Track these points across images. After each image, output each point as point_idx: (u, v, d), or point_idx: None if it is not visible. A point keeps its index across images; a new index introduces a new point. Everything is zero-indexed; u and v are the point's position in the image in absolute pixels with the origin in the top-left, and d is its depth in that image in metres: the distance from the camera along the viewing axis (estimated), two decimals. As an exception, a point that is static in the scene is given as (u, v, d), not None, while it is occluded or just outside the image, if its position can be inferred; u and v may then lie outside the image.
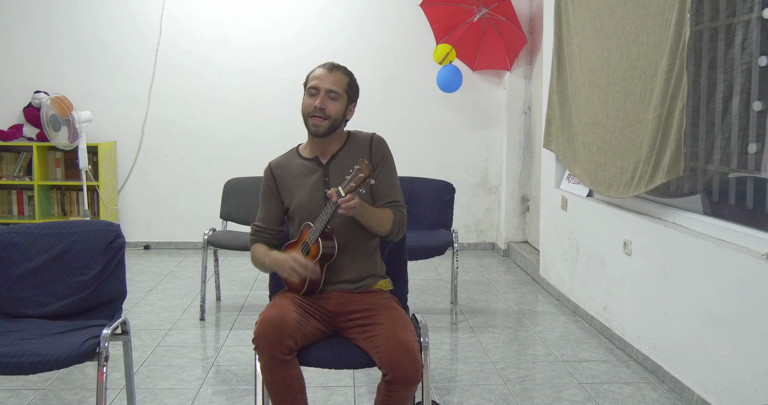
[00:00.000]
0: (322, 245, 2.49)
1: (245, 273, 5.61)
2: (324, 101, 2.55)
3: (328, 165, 2.63)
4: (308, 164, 2.66)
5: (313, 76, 2.60)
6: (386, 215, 2.58)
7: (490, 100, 6.46)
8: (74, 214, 6.22)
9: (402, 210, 2.65)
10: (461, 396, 3.28)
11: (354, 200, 2.36)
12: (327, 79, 2.57)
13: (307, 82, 2.62)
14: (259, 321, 2.36)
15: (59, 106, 5.58)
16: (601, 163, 4.02)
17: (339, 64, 2.64)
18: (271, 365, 2.32)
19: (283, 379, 2.34)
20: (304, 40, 6.30)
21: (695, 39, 3.33)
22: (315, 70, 2.62)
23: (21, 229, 2.87)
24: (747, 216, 3.06)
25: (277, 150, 2.97)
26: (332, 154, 2.64)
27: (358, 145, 2.66)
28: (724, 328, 2.92)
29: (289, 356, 2.33)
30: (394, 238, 2.63)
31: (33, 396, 3.23)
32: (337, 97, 2.57)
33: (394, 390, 2.29)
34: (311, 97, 2.58)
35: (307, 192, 2.61)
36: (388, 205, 2.62)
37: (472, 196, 6.57)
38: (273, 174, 2.70)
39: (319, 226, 2.48)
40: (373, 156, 2.64)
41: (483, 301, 4.90)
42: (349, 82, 2.62)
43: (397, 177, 2.70)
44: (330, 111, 2.56)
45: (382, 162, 2.64)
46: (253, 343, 2.33)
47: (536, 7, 6.06)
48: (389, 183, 2.65)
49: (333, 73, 2.58)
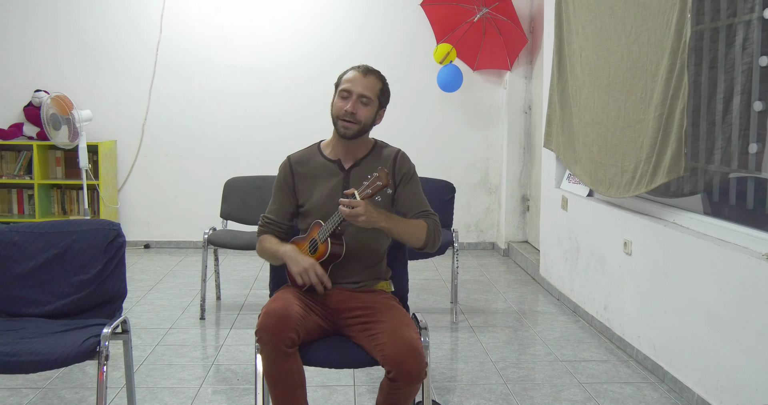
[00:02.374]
0: (330, 245, 2.49)
1: (245, 272, 5.61)
2: (355, 106, 2.52)
3: (350, 171, 2.61)
4: (330, 166, 2.63)
5: (345, 79, 2.56)
6: (419, 226, 2.55)
7: (491, 100, 6.46)
8: (74, 213, 6.22)
9: (434, 218, 2.61)
10: (461, 395, 3.28)
11: (360, 208, 2.34)
12: (360, 84, 2.53)
13: (339, 83, 2.58)
14: (263, 313, 2.35)
15: (59, 105, 5.58)
16: (601, 163, 4.02)
17: (373, 67, 2.61)
18: (273, 357, 2.31)
19: (284, 372, 2.34)
20: (305, 40, 6.30)
21: (696, 39, 3.33)
22: (348, 71, 2.58)
23: (21, 228, 2.87)
24: (747, 216, 3.06)
25: (277, 149, 2.98)
26: (356, 160, 2.62)
27: (383, 158, 2.64)
28: (725, 328, 2.92)
29: (291, 349, 2.32)
30: (430, 248, 2.58)
31: (33, 395, 3.23)
32: (368, 103, 2.54)
33: (397, 387, 2.29)
34: (343, 100, 2.54)
35: (324, 194, 2.59)
36: (419, 214, 2.60)
37: (473, 196, 6.57)
38: (292, 169, 2.66)
39: (330, 226, 2.47)
40: (397, 171, 2.62)
41: (483, 300, 4.90)
42: (381, 87, 2.59)
43: (422, 191, 2.67)
44: (361, 116, 2.53)
45: (409, 178, 2.63)
46: (256, 335, 2.33)
47: (537, 7, 6.06)
48: (416, 196, 2.63)
49: (367, 78, 2.55)
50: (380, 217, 2.41)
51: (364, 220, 2.37)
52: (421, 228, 2.55)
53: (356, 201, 2.35)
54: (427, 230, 2.55)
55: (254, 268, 5.73)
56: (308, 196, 2.62)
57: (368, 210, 2.37)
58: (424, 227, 2.55)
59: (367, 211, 2.36)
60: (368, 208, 2.37)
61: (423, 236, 2.54)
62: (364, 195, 2.35)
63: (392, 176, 2.61)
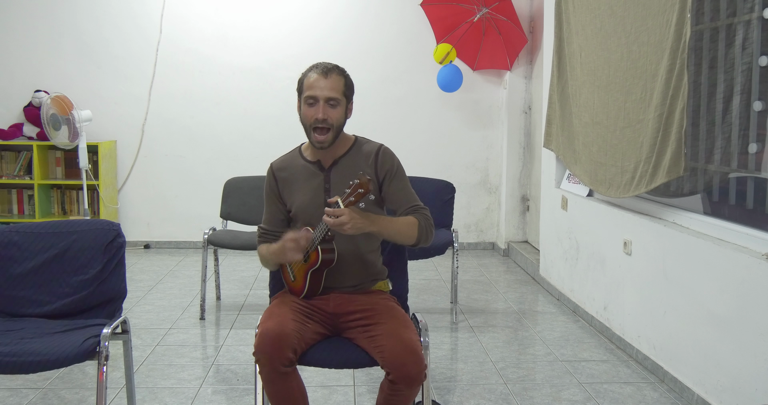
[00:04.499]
0: (321, 252, 2.46)
1: (245, 272, 5.61)
2: (325, 111, 2.45)
3: (330, 170, 2.56)
4: (310, 167, 2.59)
5: (308, 85, 2.47)
6: (409, 224, 2.48)
7: (491, 100, 6.46)
8: (74, 213, 6.22)
9: (425, 212, 2.55)
10: (461, 395, 3.28)
11: (344, 216, 2.26)
12: (324, 86, 2.45)
13: (301, 89, 2.50)
14: (258, 334, 2.34)
15: (59, 105, 5.58)
16: (601, 163, 4.02)
17: (331, 64, 2.52)
18: (273, 378, 2.32)
19: (284, 390, 2.34)
20: (305, 40, 6.30)
21: (696, 39, 3.33)
22: (308, 74, 2.49)
23: (21, 228, 2.87)
24: (747, 216, 3.06)
25: (277, 149, 2.96)
26: (335, 159, 2.57)
27: (363, 155, 2.57)
28: (724, 328, 2.92)
29: (290, 368, 2.33)
30: (423, 244, 2.53)
31: (33, 395, 3.23)
32: (337, 103, 2.47)
33: (398, 389, 2.29)
34: (310, 107, 2.47)
35: (308, 196, 2.57)
36: (409, 210, 2.55)
37: (473, 196, 6.57)
38: (275, 176, 2.63)
39: (319, 233, 2.42)
40: (379, 169, 2.55)
41: (483, 300, 4.90)
42: (345, 82, 2.50)
43: (409, 185, 2.60)
44: (332, 119, 2.47)
45: (393, 175, 2.55)
46: (254, 357, 2.33)
47: (537, 7, 6.06)
48: (404, 191, 2.57)
49: (329, 78, 2.46)
50: (366, 223, 2.34)
51: (350, 228, 2.29)
52: (411, 225, 2.48)
53: (340, 210, 2.27)
54: (418, 227, 2.49)
55: (254, 268, 5.73)
56: (293, 201, 2.59)
57: (353, 217, 2.28)
58: (415, 224, 2.49)
59: (352, 218, 2.28)
60: (353, 216, 2.29)
61: (414, 234, 2.48)
62: (347, 203, 2.26)
63: (374, 174, 2.54)
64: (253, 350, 2.33)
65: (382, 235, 2.48)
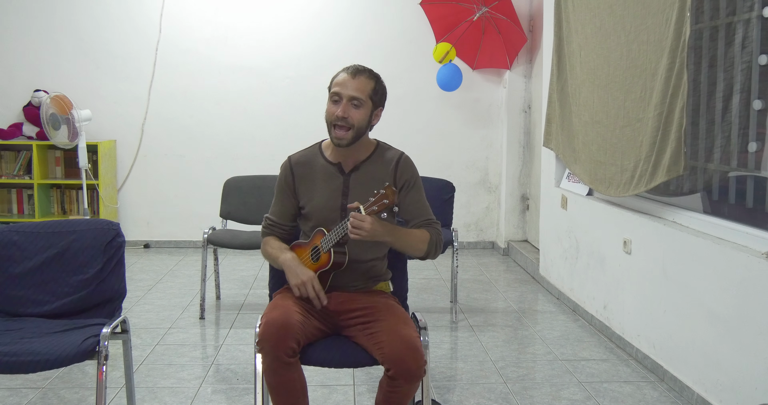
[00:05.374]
0: (333, 255, 2.47)
1: (245, 272, 5.61)
2: (346, 109, 2.46)
3: (350, 174, 2.57)
4: (330, 168, 2.59)
5: (335, 82, 2.51)
6: (421, 237, 2.52)
7: (490, 99, 6.46)
8: (74, 212, 6.22)
9: (437, 227, 2.58)
10: (461, 395, 3.28)
11: (367, 223, 2.31)
12: (350, 86, 2.47)
13: (330, 86, 2.53)
14: (263, 323, 2.34)
15: (59, 104, 5.58)
16: (601, 162, 4.02)
17: (364, 67, 2.54)
18: (275, 367, 2.31)
19: (286, 382, 2.34)
20: (304, 39, 6.29)
21: (695, 37, 3.33)
22: (338, 74, 2.53)
23: (21, 227, 2.87)
24: (747, 215, 3.06)
25: (277, 149, 2.97)
26: (356, 163, 2.58)
27: (385, 162, 2.58)
28: (724, 327, 2.92)
29: (293, 358, 2.32)
30: (431, 258, 2.58)
31: (33, 395, 3.23)
32: (360, 104, 2.48)
33: (397, 385, 2.29)
34: (334, 104, 2.49)
35: (324, 198, 2.56)
36: (422, 223, 2.57)
37: (472, 195, 6.57)
38: (293, 170, 2.63)
39: (334, 237, 2.43)
40: (398, 178, 2.56)
41: (483, 299, 4.90)
42: (374, 87, 2.52)
43: (425, 197, 2.63)
44: (353, 119, 2.47)
45: (411, 184, 2.58)
46: (258, 346, 2.32)
47: (536, 6, 6.06)
48: (419, 203, 2.59)
49: (356, 79, 2.48)
50: (383, 232, 2.38)
51: (367, 235, 2.33)
52: (423, 239, 2.52)
53: (364, 216, 2.31)
54: (429, 242, 2.53)
55: (254, 267, 5.73)
56: (308, 199, 2.60)
57: (374, 227, 2.34)
58: (427, 239, 2.52)
59: (373, 227, 2.33)
60: (374, 225, 2.34)
61: (424, 247, 2.52)
62: (369, 211, 2.30)
63: (393, 182, 2.56)
64: (257, 339, 2.32)
65: (393, 246, 2.51)
